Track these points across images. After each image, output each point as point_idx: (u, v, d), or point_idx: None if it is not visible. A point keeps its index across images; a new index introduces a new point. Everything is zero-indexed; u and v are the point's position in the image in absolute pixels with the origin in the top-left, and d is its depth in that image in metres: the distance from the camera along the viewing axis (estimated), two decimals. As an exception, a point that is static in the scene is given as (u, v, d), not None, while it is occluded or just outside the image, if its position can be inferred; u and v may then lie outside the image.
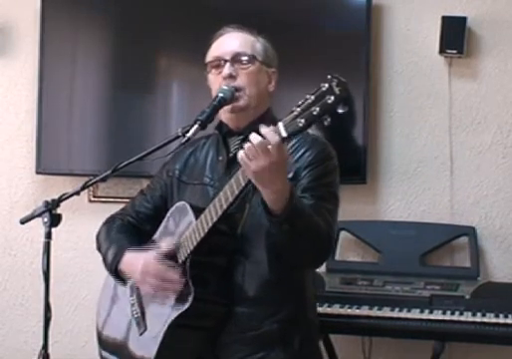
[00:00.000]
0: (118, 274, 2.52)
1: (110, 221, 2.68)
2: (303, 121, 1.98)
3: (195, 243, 2.32)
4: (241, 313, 2.38)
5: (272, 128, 2.04)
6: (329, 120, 1.97)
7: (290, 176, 2.32)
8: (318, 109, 1.96)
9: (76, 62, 3.93)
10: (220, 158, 2.50)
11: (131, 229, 2.62)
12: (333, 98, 1.95)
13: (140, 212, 2.65)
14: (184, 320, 2.33)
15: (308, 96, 1.98)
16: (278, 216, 2.14)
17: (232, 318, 2.38)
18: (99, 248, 2.63)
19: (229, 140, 2.51)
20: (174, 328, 2.34)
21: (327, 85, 1.97)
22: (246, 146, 2.07)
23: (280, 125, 2.03)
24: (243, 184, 2.18)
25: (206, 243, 2.32)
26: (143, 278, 2.40)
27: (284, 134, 2.02)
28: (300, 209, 2.18)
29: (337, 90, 1.95)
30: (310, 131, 2.15)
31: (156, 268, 2.37)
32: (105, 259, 2.56)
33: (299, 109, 1.99)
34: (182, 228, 2.40)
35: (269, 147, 2.03)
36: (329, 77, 1.98)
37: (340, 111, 1.97)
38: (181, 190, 2.57)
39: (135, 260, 2.44)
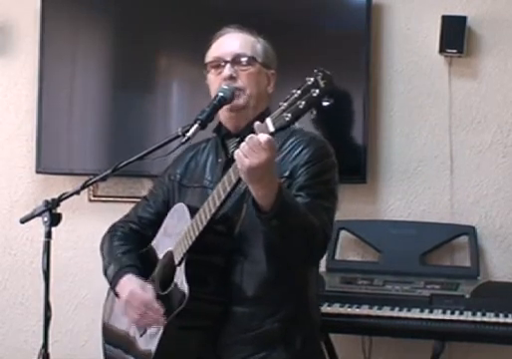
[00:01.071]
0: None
1: (112, 231, 2.68)
2: (289, 115, 2.01)
3: (191, 242, 2.32)
4: (241, 313, 2.38)
5: (261, 124, 2.07)
6: (315, 113, 1.99)
7: (286, 174, 2.34)
8: (303, 102, 1.99)
9: (76, 62, 3.93)
10: (219, 160, 2.51)
11: (134, 238, 2.63)
12: (318, 91, 1.98)
13: (143, 218, 2.66)
14: (181, 319, 2.33)
15: (294, 90, 2.01)
16: (267, 213, 2.15)
17: (232, 318, 2.38)
18: (102, 257, 2.65)
19: (227, 141, 2.52)
20: (172, 328, 2.35)
21: (312, 79, 1.99)
22: (242, 144, 2.09)
23: (268, 120, 2.06)
24: (234, 181, 2.19)
25: (202, 242, 2.32)
26: (128, 304, 2.44)
27: (272, 129, 2.05)
28: (290, 206, 2.18)
29: (322, 83, 1.98)
30: (304, 127, 2.16)
31: (138, 304, 2.41)
32: (105, 274, 2.58)
33: (285, 104, 2.02)
34: (180, 229, 2.41)
35: (261, 145, 2.05)
36: (314, 71, 2.00)
37: (325, 104, 1.98)
38: (182, 194, 2.57)
39: (127, 286, 2.46)
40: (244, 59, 2.46)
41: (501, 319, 3.04)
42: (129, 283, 2.46)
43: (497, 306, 3.11)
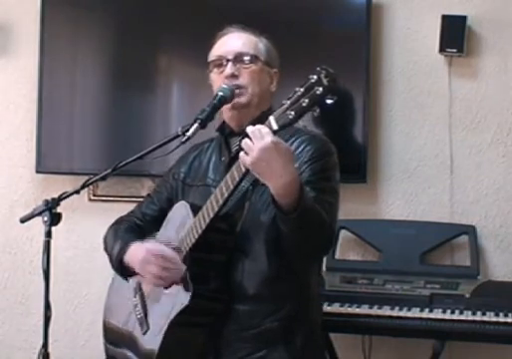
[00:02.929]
0: (122, 270, 2.52)
1: (116, 223, 2.69)
2: (293, 113, 2.01)
3: (194, 241, 2.33)
4: (242, 311, 2.38)
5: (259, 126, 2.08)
6: (318, 111, 2.00)
7: None
8: (307, 100, 1.99)
9: (76, 61, 3.93)
10: (223, 158, 2.52)
11: (138, 231, 2.64)
12: (321, 89, 1.98)
13: (147, 214, 2.67)
14: (185, 317, 2.34)
15: (297, 88, 2.02)
16: (289, 213, 2.14)
17: (233, 316, 2.38)
18: (105, 248, 2.64)
19: (231, 140, 2.53)
20: (175, 325, 2.35)
21: (315, 76, 2.00)
22: (243, 141, 2.09)
23: (271, 118, 2.06)
24: (237, 179, 2.20)
25: (205, 240, 2.33)
26: (146, 261, 2.38)
27: (275, 127, 2.06)
28: (309, 205, 2.19)
29: (325, 81, 1.98)
30: (307, 127, 2.17)
31: (158, 249, 2.38)
32: (111, 255, 2.57)
33: (289, 101, 2.02)
34: (181, 227, 2.41)
35: (262, 135, 2.06)
36: (317, 69, 2.01)
37: (328, 101, 1.99)
38: (186, 193, 2.58)
39: (139, 248, 2.44)
40: (246, 57, 2.46)
41: (501, 319, 3.04)
42: (141, 245, 2.44)
43: (497, 306, 3.11)
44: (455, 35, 3.52)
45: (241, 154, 2.12)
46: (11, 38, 4.00)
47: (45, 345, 2.37)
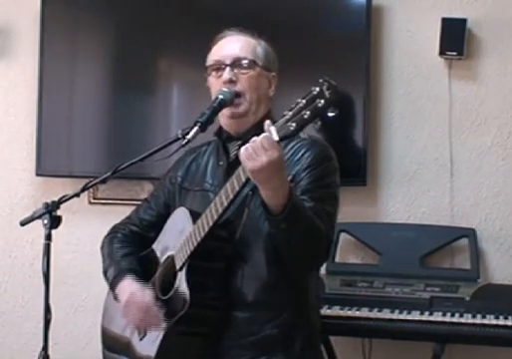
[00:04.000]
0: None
1: (112, 233, 2.69)
2: (294, 124, 2.02)
3: (192, 248, 2.33)
4: (241, 318, 2.37)
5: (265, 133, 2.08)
6: (319, 123, 2.00)
7: (289, 178, 2.32)
8: (308, 112, 2.00)
9: (76, 64, 3.93)
10: (221, 163, 2.51)
11: (134, 240, 2.64)
12: (323, 101, 1.99)
13: (144, 220, 2.66)
14: (181, 325, 2.33)
15: (299, 100, 2.03)
16: (276, 215, 2.15)
17: (232, 323, 2.37)
18: (103, 259, 2.65)
19: (229, 145, 2.51)
20: (172, 333, 2.34)
21: (318, 88, 2.00)
22: (244, 146, 2.10)
23: (272, 129, 2.06)
24: (237, 189, 2.20)
25: (204, 248, 2.32)
26: (127, 307, 2.43)
27: (276, 137, 2.06)
28: (299, 210, 2.19)
29: (327, 93, 1.99)
30: (306, 132, 2.18)
31: (138, 306, 2.40)
32: (105, 275, 2.59)
33: (290, 113, 2.03)
34: (181, 234, 2.41)
35: (265, 147, 2.06)
36: (320, 80, 2.01)
37: (330, 114, 1.99)
38: (183, 197, 2.57)
39: (126, 289, 2.46)
40: (245, 62, 2.45)
41: (501, 321, 3.04)
42: (129, 286, 2.46)
43: (497, 309, 3.11)
44: (455, 38, 3.53)
45: (243, 157, 2.11)
46: (11, 40, 4.00)
47: (45, 348, 2.37)
